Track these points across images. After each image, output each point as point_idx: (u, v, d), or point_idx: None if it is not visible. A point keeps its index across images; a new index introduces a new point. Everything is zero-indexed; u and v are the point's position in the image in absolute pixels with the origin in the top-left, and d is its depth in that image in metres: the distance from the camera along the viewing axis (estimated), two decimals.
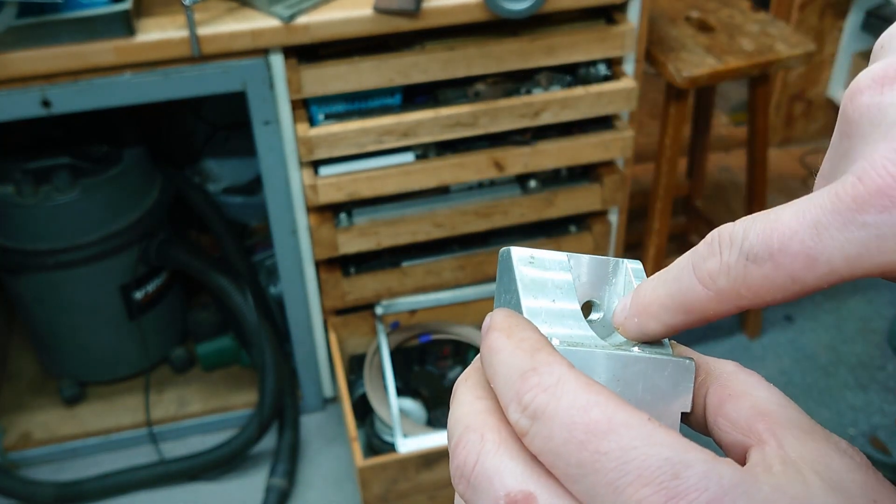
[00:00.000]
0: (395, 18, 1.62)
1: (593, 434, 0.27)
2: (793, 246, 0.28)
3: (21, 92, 1.58)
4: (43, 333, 2.11)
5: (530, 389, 0.28)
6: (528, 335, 0.31)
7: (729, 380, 0.32)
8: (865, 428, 2.11)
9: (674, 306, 0.32)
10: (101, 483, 1.96)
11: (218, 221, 2.13)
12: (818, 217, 0.27)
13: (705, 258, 0.30)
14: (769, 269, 0.28)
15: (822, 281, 0.28)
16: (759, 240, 0.29)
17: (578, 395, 0.28)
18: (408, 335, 2.08)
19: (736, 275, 0.29)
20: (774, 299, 0.29)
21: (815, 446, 0.28)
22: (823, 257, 0.27)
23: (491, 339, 0.31)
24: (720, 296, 0.30)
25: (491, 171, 1.82)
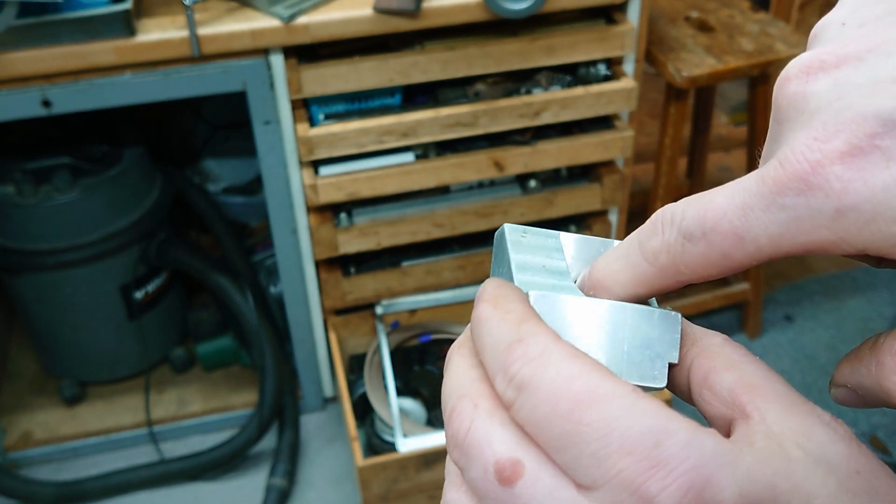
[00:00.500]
0: (395, 18, 1.62)
1: (576, 405, 0.27)
2: (723, 226, 0.29)
3: (21, 92, 1.58)
4: (43, 333, 2.11)
5: (516, 360, 0.29)
6: (515, 306, 0.31)
7: (715, 352, 0.32)
8: (865, 428, 2.11)
9: (624, 281, 0.33)
10: (101, 483, 1.97)
11: (218, 221, 2.13)
12: (745, 199, 0.29)
13: (649, 237, 0.32)
14: (703, 247, 0.30)
15: (751, 258, 0.30)
16: (695, 220, 0.30)
17: (563, 366, 0.28)
18: (408, 335, 2.08)
19: (675, 252, 0.31)
20: (710, 274, 0.31)
21: (798, 419, 0.29)
22: (750, 236, 0.29)
23: (479, 309, 0.32)
24: (663, 272, 0.32)
25: (491, 171, 1.82)
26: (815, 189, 0.27)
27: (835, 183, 0.27)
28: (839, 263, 2.59)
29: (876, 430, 2.11)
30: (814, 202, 0.27)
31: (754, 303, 2.30)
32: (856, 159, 0.26)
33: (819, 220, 0.27)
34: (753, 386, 0.30)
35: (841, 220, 0.27)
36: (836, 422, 0.29)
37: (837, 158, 0.27)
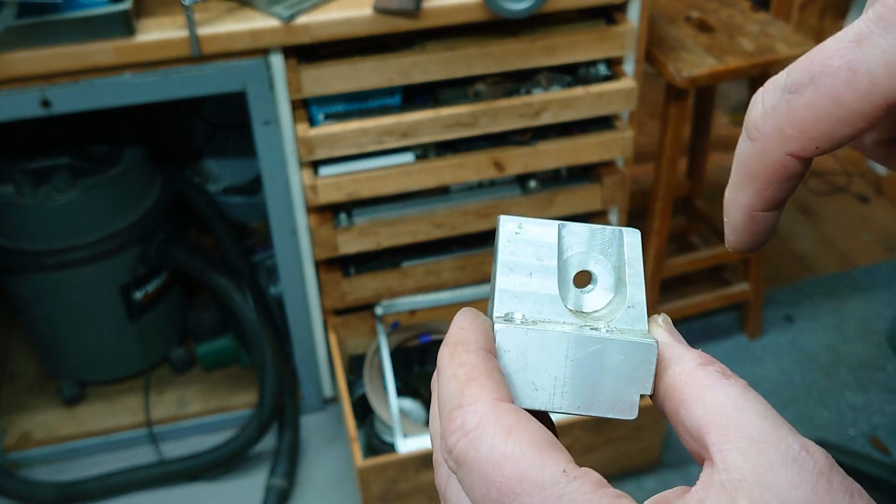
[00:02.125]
0: (395, 18, 1.62)
1: (506, 495, 0.27)
2: (833, 63, 0.27)
3: (21, 92, 1.58)
4: (43, 333, 2.11)
5: (454, 432, 0.29)
6: (468, 358, 0.31)
7: (685, 381, 0.31)
8: (865, 428, 2.11)
9: (738, 180, 0.31)
10: (101, 483, 1.96)
11: (218, 221, 2.13)
12: (860, 29, 0.27)
13: (750, 112, 0.30)
14: (811, 94, 0.27)
15: (866, 100, 0.27)
16: (801, 70, 0.28)
17: (495, 445, 0.28)
18: (408, 335, 2.08)
19: (779, 113, 0.28)
20: (821, 134, 0.28)
21: (759, 461, 0.27)
22: (864, 67, 0.26)
23: (440, 355, 0.32)
24: (766, 143, 0.29)
25: (491, 171, 1.82)
26: None
27: None
28: (839, 263, 2.59)
29: (876, 430, 2.11)
30: None
31: (754, 303, 2.30)
32: None
33: None
34: (719, 422, 0.29)
35: None
36: (806, 454, 0.27)
37: None
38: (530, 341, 0.32)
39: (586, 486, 0.27)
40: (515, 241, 0.35)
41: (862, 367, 2.27)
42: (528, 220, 0.36)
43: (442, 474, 0.32)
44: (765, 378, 2.23)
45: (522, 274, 0.35)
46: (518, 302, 0.34)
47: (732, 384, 0.30)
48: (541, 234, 0.36)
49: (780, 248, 2.63)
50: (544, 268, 0.35)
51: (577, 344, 0.32)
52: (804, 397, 2.19)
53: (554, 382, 0.32)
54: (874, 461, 2.00)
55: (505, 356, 0.33)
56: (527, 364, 0.32)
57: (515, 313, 0.34)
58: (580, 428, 1.83)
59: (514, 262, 0.35)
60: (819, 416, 2.14)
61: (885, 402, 2.18)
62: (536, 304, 0.34)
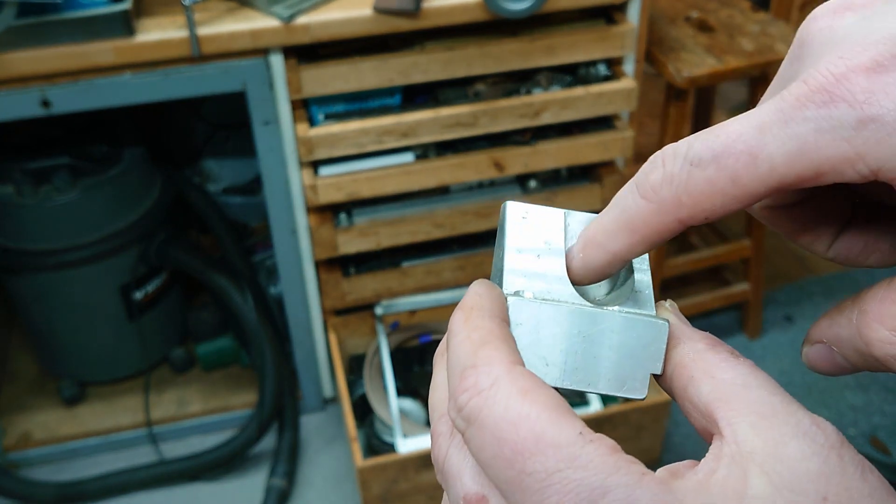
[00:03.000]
0: (395, 18, 1.62)
1: (520, 453, 0.27)
2: (736, 146, 0.28)
3: (21, 92, 1.58)
4: (43, 333, 2.11)
5: (466, 390, 0.29)
6: (484, 323, 0.31)
7: (694, 359, 0.31)
8: (865, 428, 2.11)
9: (615, 228, 0.32)
10: (101, 483, 1.96)
11: (218, 221, 2.13)
12: (762, 118, 0.28)
13: (648, 173, 0.31)
14: (712, 171, 0.29)
15: (762, 183, 0.28)
16: (704, 146, 0.29)
17: (510, 405, 0.28)
18: (408, 335, 2.08)
19: (679, 182, 0.29)
20: (713, 207, 0.29)
21: (769, 434, 0.27)
22: (764, 154, 0.28)
23: (453, 319, 0.32)
24: (661, 206, 0.30)
25: (491, 171, 1.82)
26: (838, 100, 0.27)
27: (859, 94, 0.27)
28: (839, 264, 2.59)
29: (876, 430, 2.11)
30: (836, 113, 0.27)
31: (754, 303, 2.30)
32: (881, 74, 0.27)
33: (840, 131, 0.27)
34: (729, 398, 0.29)
35: (862, 132, 0.27)
36: (817, 428, 0.27)
37: (863, 72, 0.27)
38: (543, 315, 0.32)
39: (602, 449, 0.27)
40: (522, 224, 0.35)
41: None
42: (533, 207, 0.36)
43: (441, 445, 0.31)
44: None
45: (531, 255, 0.34)
46: (527, 281, 0.34)
47: (741, 363, 0.30)
48: (547, 220, 0.36)
49: (780, 248, 2.63)
50: (552, 250, 0.35)
51: (590, 320, 0.32)
52: (804, 397, 2.19)
53: (565, 358, 0.32)
54: (874, 461, 1.99)
55: (517, 330, 0.32)
56: (539, 338, 0.32)
57: (525, 291, 0.33)
58: None
59: (522, 245, 0.35)
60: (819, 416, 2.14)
61: (885, 402, 2.18)
62: (546, 283, 0.34)
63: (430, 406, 0.33)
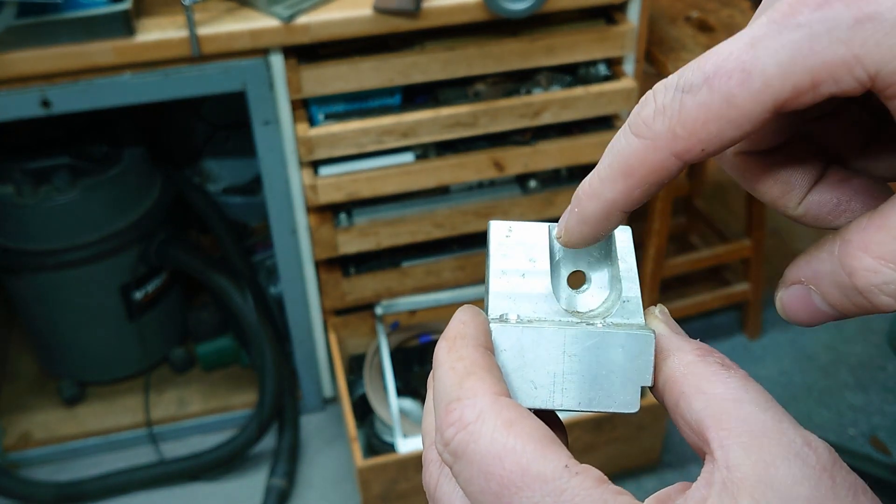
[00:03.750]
0: (395, 18, 1.62)
1: (506, 487, 0.27)
2: (727, 64, 0.27)
3: (21, 92, 1.58)
4: (43, 333, 2.11)
5: (452, 424, 0.29)
6: (468, 353, 0.31)
7: (684, 373, 0.30)
8: (865, 428, 2.11)
9: (610, 174, 0.31)
10: (101, 483, 1.96)
11: (218, 221, 2.13)
12: (754, 33, 0.27)
13: (640, 110, 0.30)
14: (704, 94, 0.27)
15: (758, 101, 0.27)
16: (695, 70, 0.28)
17: (495, 438, 0.28)
18: (408, 335, 2.08)
19: (671, 111, 0.28)
20: (710, 136, 0.28)
21: (760, 457, 0.26)
22: (757, 69, 0.26)
23: (437, 348, 0.32)
24: (655, 141, 0.29)
25: (491, 171, 1.82)
26: (833, 0, 0.26)
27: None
28: None
29: (876, 430, 2.11)
30: (831, 14, 0.26)
31: (754, 303, 2.30)
32: None
33: (836, 33, 0.25)
34: (720, 416, 0.28)
35: (859, 31, 0.25)
36: (809, 448, 0.27)
37: None
38: (526, 339, 0.32)
39: (588, 482, 0.27)
40: (506, 244, 0.36)
41: (862, 367, 2.27)
42: (517, 224, 0.36)
43: (432, 472, 0.31)
44: (765, 378, 2.23)
45: (515, 275, 0.35)
46: (512, 303, 0.34)
47: (732, 375, 0.29)
48: (531, 236, 0.36)
49: (780, 248, 2.62)
50: (536, 268, 0.35)
51: (573, 339, 0.32)
52: (804, 397, 2.19)
53: (553, 379, 0.32)
54: (874, 461, 2.00)
55: (502, 355, 0.32)
56: (524, 362, 0.32)
57: (510, 314, 0.34)
58: (580, 428, 1.83)
59: (506, 265, 0.35)
60: (819, 416, 2.14)
61: (885, 402, 2.18)
62: (531, 303, 0.34)
63: (422, 430, 0.33)
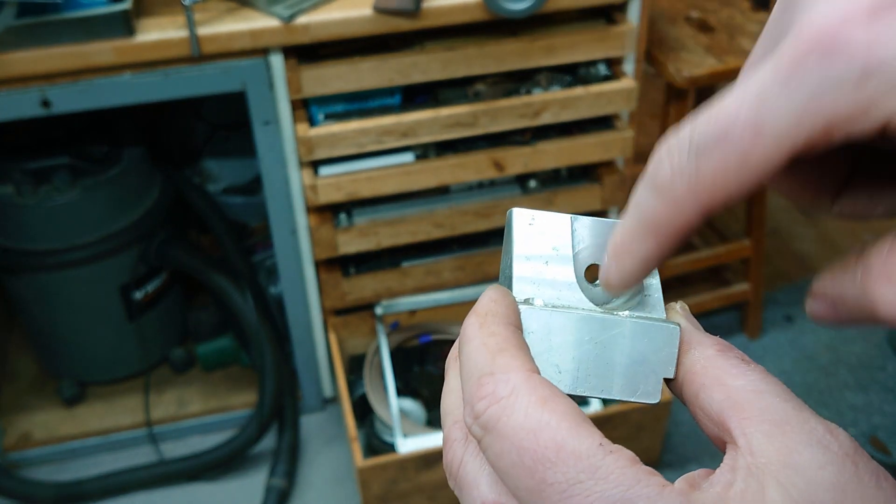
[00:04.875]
0: (395, 18, 1.62)
1: (540, 462, 0.27)
2: (738, 122, 0.27)
3: (21, 92, 1.58)
4: (43, 333, 2.11)
5: (484, 397, 0.28)
6: (500, 330, 0.30)
7: (705, 366, 0.31)
8: (865, 428, 2.11)
9: (641, 233, 0.31)
10: (101, 483, 1.96)
11: (218, 221, 2.13)
12: (760, 87, 0.27)
13: (657, 171, 0.29)
14: (719, 154, 0.27)
15: (772, 156, 0.27)
16: (705, 130, 0.28)
17: (530, 414, 0.27)
18: (408, 335, 2.08)
19: (689, 173, 0.28)
20: (730, 191, 0.28)
21: (783, 443, 0.27)
22: (768, 125, 0.26)
23: (467, 324, 0.31)
24: (679, 203, 0.29)
25: (491, 171, 1.82)
26: (838, 52, 0.25)
27: (860, 42, 0.25)
28: None
29: (876, 430, 2.11)
30: (837, 66, 0.25)
31: (754, 303, 2.30)
32: (881, 16, 0.25)
33: (843, 86, 0.25)
34: (741, 406, 0.28)
35: (868, 82, 0.25)
36: (831, 435, 0.27)
37: (861, 17, 0.25)
38: (554, 323, 0.32)
39: (622, 461, 0.27)
40: (529, 232, 0.35)
41: (862, 367, 2.27)
42: (540, 213, 0.36)
43: (456, 451, 0.31)
44: None
45: (539, 262, 0.34)
46: (536, 288, 0.34)
47: (752, 369, 0.30)
48: (554, 226, 0.35)
49: (781, 248, 2.63)
50: (560, 256, 0.35)
51: (601, 326, 0.32)
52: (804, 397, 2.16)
53: (577, 365, 0.32)
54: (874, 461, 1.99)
55: (528, 338, 0.32)
56: (551, 346, 0.32)
57: (535, 298, 0.33)
58: None
59: (529, 252, 0.35)
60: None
61: (885, 402, 2.18)
62: (555, 290, 0.34)
63: (442, 411, 0.33)
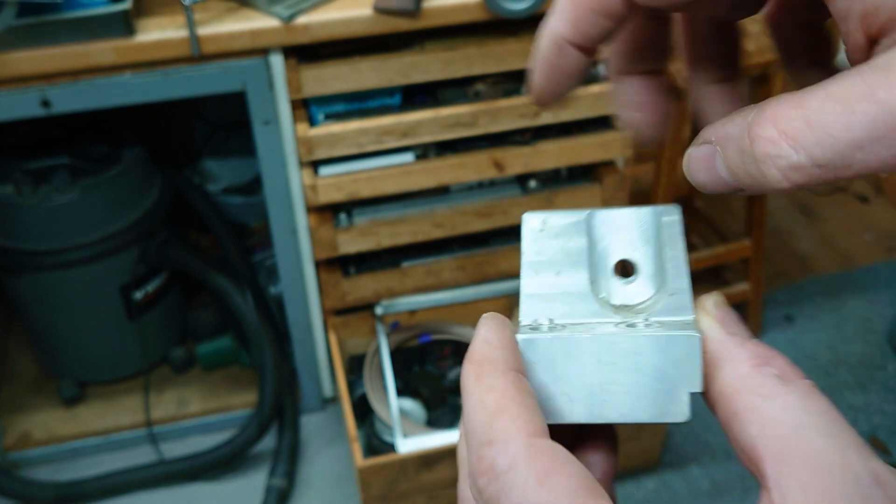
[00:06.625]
0: (395, 18, 1.62)
1: None
2: None
3: (21, 92, 1.58)
4: (43, 333, 2.11)
5: (484, 473, 0.27)
6: (497, 383, 0.28)
7: (737, 390, 0.28)
8: (865, 428, 2.11)
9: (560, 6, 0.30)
10: (101, 483, 1.96)
11: (218, 221, 2.13)
12: None
13: None
14: None
15: None
16: None
17: (528, 495, 0.26)
18: (408, 335, 2.08)
19: None
20: None
21: (822, 497, 0.24)
22: None
23: (463, 374, 0.29)
24: None
25: (491, 171, 1.82)
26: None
27: None
28: (839, 263, 2.59)
29: (876, 430, 2.11)
30: None
31: (754, 303, 2.30)
32: None
33: None
34: (776, 447, 0.25)
35: None
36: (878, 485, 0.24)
37: None
38: (557, 350, 0.30)
39: None
40: (540, 238, 0.33)
41: (862, 367, 2.27)
42: (553, 214, 0.33)
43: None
44: None
45: (549, 273, 0.32)
46: (546, 305, 0.31)
47: (792, 392, 0.27)
48: (567, 227, 0.33)
49: (780, 248, 2.63)
50: (573, 263, 0.32)
51: (608, 346, 0.29)
52: None
53: (590, 391, 0.30)
54: None
55: (533, 368, 0.30)
56: (557, 375, 0.30)
57: (541, 319, 0.31)
58: None
59: (539, 262, 0.32)
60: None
61: (885, 402, 2.18)
62: (566, 304, 0.31)
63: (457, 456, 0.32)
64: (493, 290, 2.03)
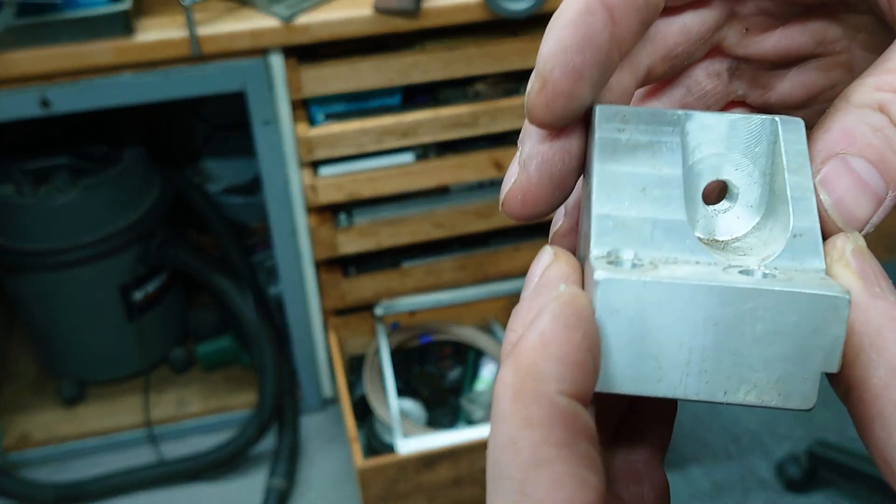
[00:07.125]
0: (395, 18, 1.62)
1: None
2: None
3: (20, 92, 1.58)
4: (43, 333, 2.11)
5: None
6: (543, 415, 0.20)
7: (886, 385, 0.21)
8: None
9: None
10: (101, 483, 1.96)
11: (218, 221, 2.13)
12: None
13: None
14: None
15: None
16: None
17: None
18: (408, 336, 2.08)
19: None
20: None
21: None
22: None
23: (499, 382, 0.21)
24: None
25: (491, 171, 1.82)
26: None
27: None
28: None
29: None
30: None
31: None
32: None
33: None
34: None
35: None
36: None
37: None
38: (650, 297, 0.22)
39: None
40: (618, 141, 0.25)
41: None
42: (634, 111, 0.25)
43: None
44: None
45: (632, 189, 0.24)
46: (626, 233, 0.23)
47: None
48: (656, 131, 0.25)
49: None
50: (663, 179, 0.24)
51: (723, 299, 0.21)
52: None
53: (688, 358, 0.22)
54: None
55: (612, 319, 0.22)
56: (645, 331, 0.22)
57: (624, 251, 0.23)
58: None
59: (618, 173, 0.24)
60: (819, 416, 2.13)
61: None
62: (654, 235, 0.23)
63: None
64: (494, 290, 2.03)
